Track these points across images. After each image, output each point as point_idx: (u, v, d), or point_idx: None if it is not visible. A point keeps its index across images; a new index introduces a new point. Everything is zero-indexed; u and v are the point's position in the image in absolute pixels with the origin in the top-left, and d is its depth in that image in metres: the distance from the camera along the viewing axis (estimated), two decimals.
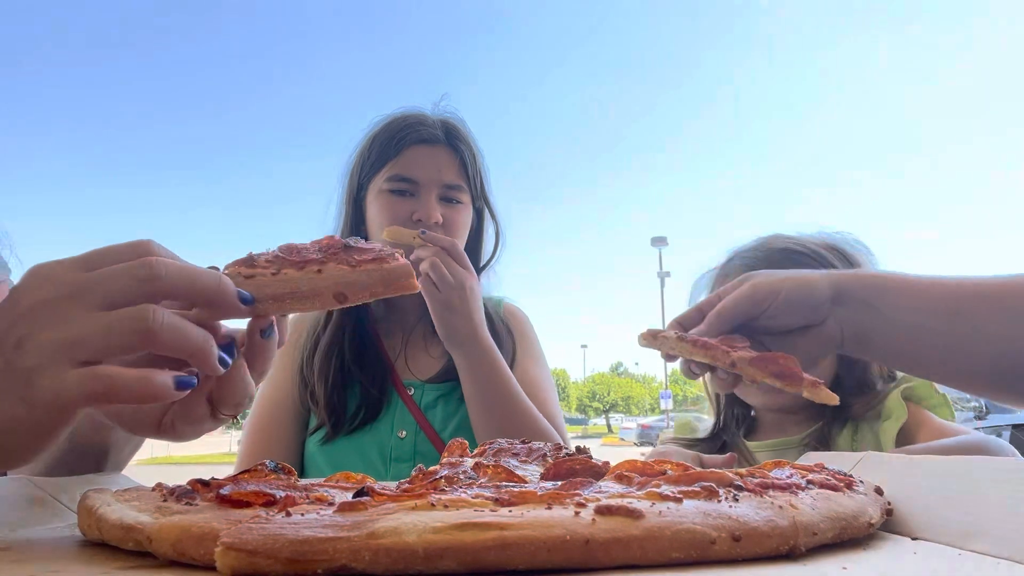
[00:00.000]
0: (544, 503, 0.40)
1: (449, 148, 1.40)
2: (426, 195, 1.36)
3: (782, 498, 0.44)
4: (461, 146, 1.41)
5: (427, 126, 1.40)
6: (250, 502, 0.44)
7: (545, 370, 1.50)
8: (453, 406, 1.38)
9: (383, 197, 1.38)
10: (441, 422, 1.35)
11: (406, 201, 1.36)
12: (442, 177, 1.37)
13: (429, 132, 1.40)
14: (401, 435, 1.33)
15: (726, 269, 1.25)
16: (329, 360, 1.39)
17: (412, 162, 1.37)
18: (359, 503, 0.40)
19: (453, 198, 1.39)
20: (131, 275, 0.50)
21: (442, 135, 1.40)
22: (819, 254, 1.17)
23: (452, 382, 1.38)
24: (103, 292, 0.49)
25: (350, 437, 1.34)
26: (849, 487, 0.50)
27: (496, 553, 0.36)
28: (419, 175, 1.36)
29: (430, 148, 1.39)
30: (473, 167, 1.42)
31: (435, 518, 0.37)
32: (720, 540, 0.39)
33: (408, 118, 1.42)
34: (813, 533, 0.42)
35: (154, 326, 0.48)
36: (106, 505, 0.47)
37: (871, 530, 0.47)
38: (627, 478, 0.48)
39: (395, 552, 0.36)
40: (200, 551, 0.39)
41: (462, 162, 1.40)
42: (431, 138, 1.39)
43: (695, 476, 0.47)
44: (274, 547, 0.36)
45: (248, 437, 1.39)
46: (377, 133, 1.43)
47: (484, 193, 1.47)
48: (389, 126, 1.42)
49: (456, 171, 1.39)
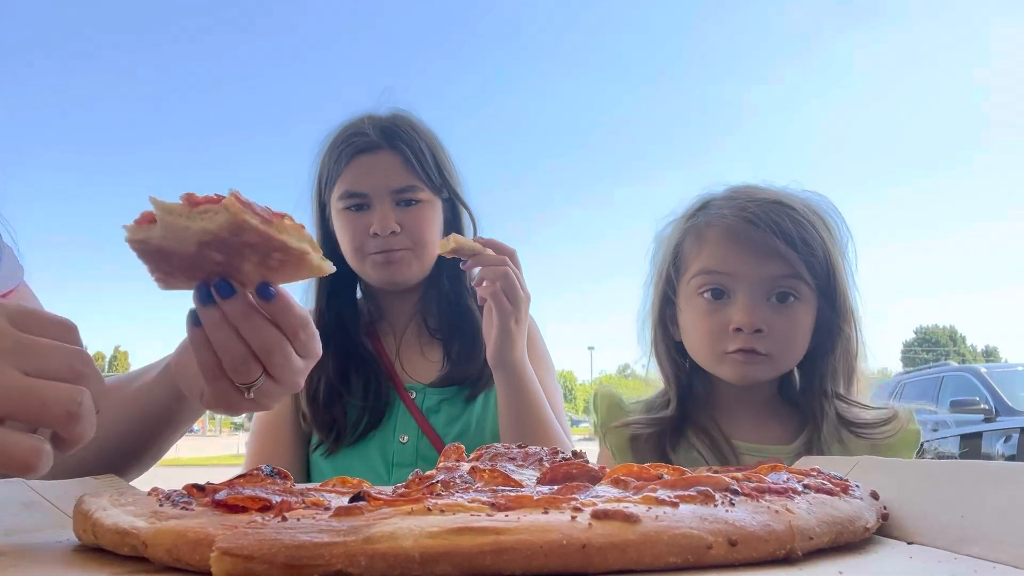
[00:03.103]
0: (540, 508, 0.40)
1: (391, 150, 1.33)
2: (378, 205, 1.31)
3: (778, 502, 0.44)
4: (403, 145, 1.33)
5: (364, 134, 1.34)
6: (246, 507, 0.44)
7: (552, 375, 1.46)
8: (457, 410, 1.35)
9: (341, 216, 1.35)
10: (444, 426, 1.33)
11: (363, 215, 1.32)
12: (389, 183, 1.31)
13: (366, 140, 1.34)
14: (403, 440, 1.31)
15: (705, 218, 1.13)
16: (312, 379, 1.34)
17: (357, 175, 1.33)
18: (355, 508, 0.40)
19: (409, 200, 1.33)
20: (69, 361, 0.53)
21: (381, 139, 1.34)
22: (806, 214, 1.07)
23: (455, 387, 1.36)
24: (40, 362, 0.51)
25: (353, 447, 1.32)
26: (845, 491, 0.49)
27: (492, 558, 0.36)
28: (365, 187, 1.32)
29: (371, 156, 1.33)
30: (425, 159, 1.35)
31: (431, 523, 0.37)
32: (716, 545, 0.39)
33: (346, 129, 1.37)
34: (809, 538, 0.42)
35: (81, 411, 0.51)
36: (101, 510, 0.47)
37: (867, 534, 0.47)
38: (623, 482, 0.48)
39: (391, 557, 0.36)
40: (196, 556, 0.39)
41: (408, 160, 1.33)
42: (369, 146, 1.33)
43: (691, 481, 0.47)
44: (270, 552, 0.36)
45: (253, 441, 1.37)
46: (324, 151, 1.39)
47: (448, 183, 1.40)
48: (333, 142, 1.38)
49: (403, 172, 1.32)
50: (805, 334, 1.09)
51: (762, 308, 1.05)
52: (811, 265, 1.05)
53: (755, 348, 1.05)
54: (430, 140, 1.38)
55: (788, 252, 1.04)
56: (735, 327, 1.05)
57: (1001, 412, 8.02)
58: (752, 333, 1.05)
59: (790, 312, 1.07)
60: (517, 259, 1.19)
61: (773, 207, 1.06)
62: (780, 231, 1.03)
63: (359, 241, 1.32)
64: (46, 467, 0.51)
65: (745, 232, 1.06)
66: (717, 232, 1.10)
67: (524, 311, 1.18)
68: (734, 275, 1.07)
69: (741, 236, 1.06)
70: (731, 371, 1.09)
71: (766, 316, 1.05)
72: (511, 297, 1.15)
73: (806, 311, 1.08)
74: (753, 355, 1.06)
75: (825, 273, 1.07)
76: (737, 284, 1.07)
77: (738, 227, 1.07)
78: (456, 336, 1.40)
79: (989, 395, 8.29)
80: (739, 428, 1.14)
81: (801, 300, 1.07)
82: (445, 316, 1.43)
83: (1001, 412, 8.02)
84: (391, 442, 1.32)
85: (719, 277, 1.08)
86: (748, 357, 1.06)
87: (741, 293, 1.06)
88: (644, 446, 1.15)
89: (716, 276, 1.09)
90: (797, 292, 1.06)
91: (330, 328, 1.38)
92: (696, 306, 1.11)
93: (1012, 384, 8.45)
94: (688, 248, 1.15)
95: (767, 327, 1.05)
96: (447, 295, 1.42)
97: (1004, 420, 7.88)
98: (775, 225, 1.03)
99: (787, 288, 1.06)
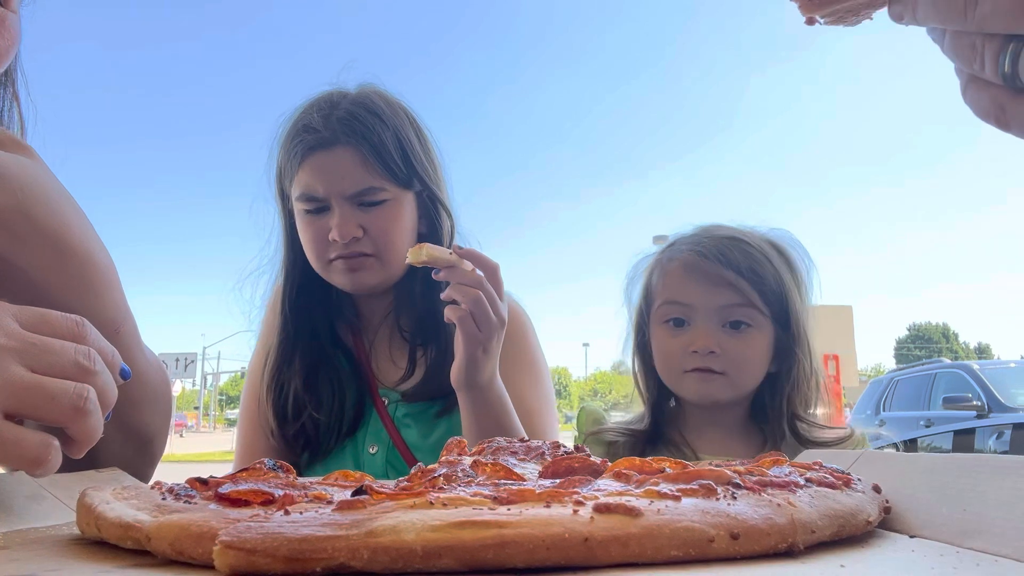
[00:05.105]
0: (543, 501, 0.40)
1: (347, 147, 1.17)
2: (337, 208, 1.18)
3: (780, 496, 0.44)
4: (358, 140, 1.17)
5: (316, 130, 1.18)
6: (249, 500, 0.44)
7: (542, 388, 1.34)
8: (428, 425, 1.27)
9: (300, 217, 1.23)
10: (416, 439, 1.25)
11: (322, 219, 1.19)
12: (345, 187, 1.17)
13: (319, 136, 1.18)
14: (372, 450, 1.25)
15: (669, 254, 1.24)
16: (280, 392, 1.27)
17: (312, 176, 1.18)
18: (358, 501, 0.40)
19: (371, 200, 1.19)
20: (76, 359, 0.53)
21: (336, 133, 1.18)
22: (761, 248, 1.19)
23: (427, 401, 1.27)
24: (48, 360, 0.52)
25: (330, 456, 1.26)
26: (847, 485, 0.50)
27: (495, 551, 0.36)
28: (321, 190, 1.18)
29: (326, 154, 1.18)
30: (387, 152, 1.18)
31: (434, 516, 0.37)
32: (718, 538, 0.39)
33: (300, 120, 1.22)
34: (811, 531, 0.42)
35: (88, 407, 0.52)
36: (104, 503, 0.47)
37: (869, 528, 0.47)
38: (625, 476, 0.48)
39: (394, 550, 0.36)
40: (199, 550, 0.39)
41: (366, 157, 1.17)
42: (323, 143, 1.18)
43: (693, 474, 0.47)
44: (273, 546, 0.36)
45: (241, 436, 1.35)
46: (281, 141, 1.26)
47: (418, 173, 1.23)
48: (288, 133, 1.24)
49: (360, 171, 1.17)
50: (760, 356, 1.19)
51: (716, 332, 1.17)
52: (763, 294, 1.16)
53: (711, 367, 1.16)
54: (398, 125, 1.22)
55: (739, 281, 1.15)
56: (692, 349, 1.17)
57: (993, 409, 8.08)
58: (707, 354, 1.16)
59: (743, 336, 1.18)
60: (499, 276, 1.07)
61: (727, 242, 1.18)
62: (730, 263, 1.15)
63: (320, 246, 1.21)
64: (55, 463, 0.51)
65: (699, 265, 1.18)
66: (676, 266, 1.22)
67: (496, 339, 1.07)
68: (691, 305, 1.19)
69: (696, 269, 1.19)
70: (690, 388, 1.20)
71: (720, 339, 1.16)
72: (481, 324, 1.04)
73: (760, 336, 1.18)
74: (709, 373, 1.17)
75: (778, 301, 1.17)
76: (695, 313, 1.19)
77: (693, 261, 1.19)
78: (430, 342, 1.30)
79: (982, 392, 8.34)
80: (706, 444, 1.23)
81: (754, 326, 1.18)
82: (418, 321, 1.31)
83: (993, 409, 8.08)
84: (362, 451, 1.26)
85: (679, 308, 1.20)
86: (704, 376, 1.17)
87: (698, 320, 1.18)
88: (620, 453, 1.22)
89: (676, 307, 1.21)
90: (750, 319, 1.17)
91: (298, 332, 1.29)
92: (661, 332, 1.23)
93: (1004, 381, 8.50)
94: (655, 282, 1.27)
95: (720, 349, 1.16)
96: (419, 299, 1.29)
97: (996, 417, 7.93)
98: (725, 258, 1.16)
99: (740, 317, 1.17)
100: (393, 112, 1.24)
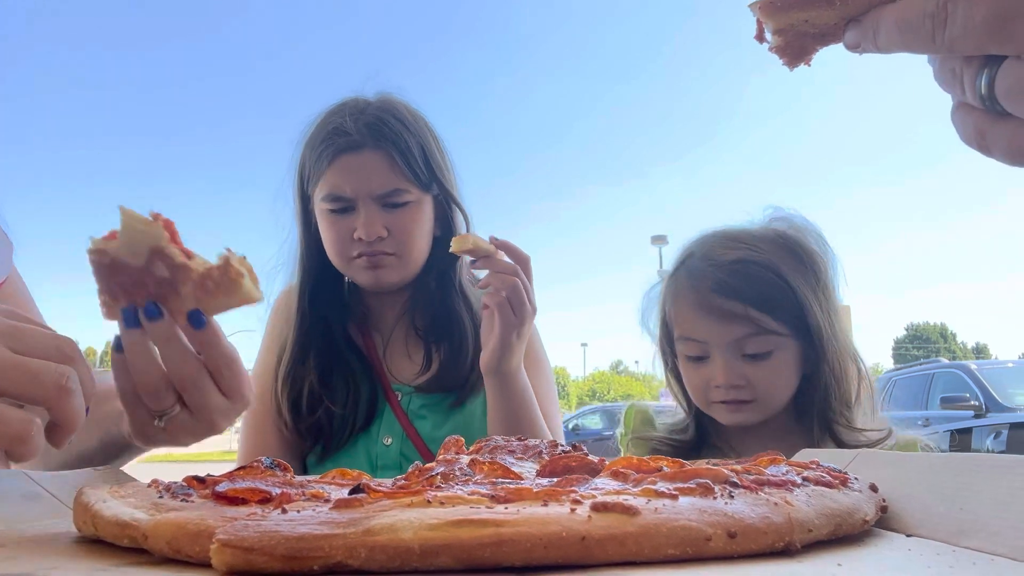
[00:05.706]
0: (540, 500, 0.40)
1: (376, 150, 1.25)
2: (363, 209, 1.24)
3: (777, 495, 0.44)
4: (389, 143, 1.24)
5: (347, 132, 1.25)
6: (246, 499, 0.44)
7: (547, 379, 1.42)
8: (442, 416, 1.32)
9: (324, 217, 1.29)
10: (429, 431, 1.30)
11: (347, 218, 1.26)
12: (374, 187, 1.24)
13: (349, 140, 1.25)
14: (387, 442, 1.29)
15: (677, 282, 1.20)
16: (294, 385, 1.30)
17: (341, 177, 1.25)
18: (355, 500, 0.40)
19: (395, 202, 1.26)
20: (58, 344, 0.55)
21: (365, 137, 1.25)
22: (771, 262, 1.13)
23: (441, 393, 1.33)
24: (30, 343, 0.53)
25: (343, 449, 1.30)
26: (844, 484, 0.50)
27: (492, 550, 0.36)
28: (349, 191, 1.24)
29: (355, 156, 1.25)
30: (413, 157, 1.26)
31: (431, 515, 0.37)
32: (716, 537, 0.39)
33: (329, 123, 1.28)
34: (808, 530, 0.42)
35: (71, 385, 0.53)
36: (101, 502, 0.47)
37: (866, 527, 0.47)
38: (623, 475, 0.48)
39: (391, 549, 0.36)
40: (196, 548, 0.39)
41: (394, 160, 1.25)
42: (352, 145, 1.24)
43: (691, 473, 0.47)
44: (270, 544, 0.36)
45: (245, 434, 1.35)
46: (306, 143, 1.32)
47: (438, 178, 1.31)
48: (314, 136, 1.30)
49: (388, 174, 1.25)
50: (787, 375, 1.16)
51: (737, 365, 1.13)
52: (778, 315, 1.12)
53: (737, 398, 1.14)
54: (420, 132, 1.30)
55: (750, 312, 1.11)
56: (715, 384, 1.14)
57: (991, 408, 8.09)
58: (731, 388, 1.13)
59: (766, 363, 1.14)
60: (530, 268, 1.15)
61: (734, 268, 1.13)
62: (739, 294, 1.11)
63: (344, 245, 1.27)
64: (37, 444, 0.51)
65: (709, 302, 1.14)
66: (688, 303, 1.18)
67: (528, 325, 1.15)
68: (707, 341, 1.15)
69: (706, 306, 1.14)
70: (721, 416, 1.17)
71: (743, 371, 1.13)
72: (517, 309, 1.12)
73: (783, 356, 1.14)
74: (738, 403, 1.14)
75: (796, 315, 1.13)
76: (712, 348, 1.15)
77: (703, 299, 1.15)
78: (444, 339, 1.36)
79: (979, 391, 8.35)
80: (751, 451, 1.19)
81: (775, 349, 1.13)
82: (433, 318, 1.38)
83: (991, 408, 8.09)
84: (375, 444, 1.29)
85: (695, 345, 1.17)
86: (733, 406, 1.14)
87: (717, 355, 1.14)
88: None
89: (693, 344, 1.17)
90: (769, 345, 1.13)
91: (314, 329, 1.34)
92: (685, 366, 1.21)
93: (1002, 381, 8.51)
94: (670, 311, 1.23)
95: (745, 380, 1.13)
96: (434, 297, 1.37)
97: (994, 416, 7.94)
98: (733, 290, 1.11)
99: (757, 348, 1.13)
100: (415, 119, 1.31)
